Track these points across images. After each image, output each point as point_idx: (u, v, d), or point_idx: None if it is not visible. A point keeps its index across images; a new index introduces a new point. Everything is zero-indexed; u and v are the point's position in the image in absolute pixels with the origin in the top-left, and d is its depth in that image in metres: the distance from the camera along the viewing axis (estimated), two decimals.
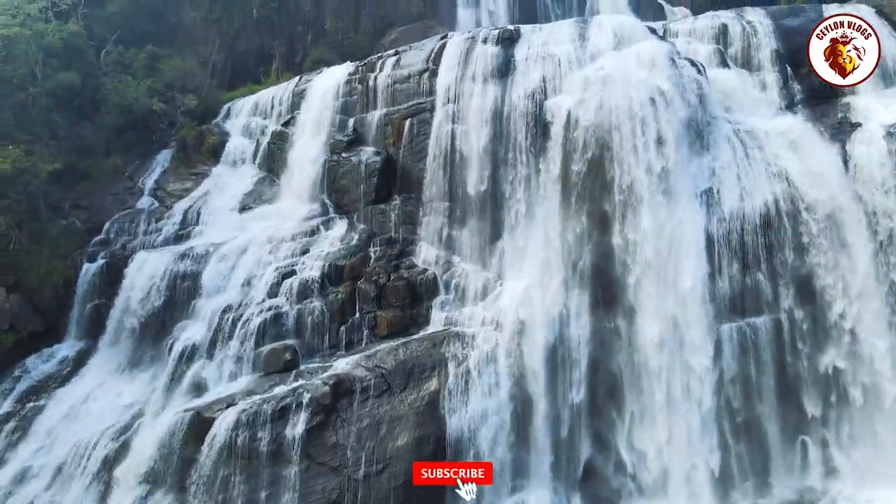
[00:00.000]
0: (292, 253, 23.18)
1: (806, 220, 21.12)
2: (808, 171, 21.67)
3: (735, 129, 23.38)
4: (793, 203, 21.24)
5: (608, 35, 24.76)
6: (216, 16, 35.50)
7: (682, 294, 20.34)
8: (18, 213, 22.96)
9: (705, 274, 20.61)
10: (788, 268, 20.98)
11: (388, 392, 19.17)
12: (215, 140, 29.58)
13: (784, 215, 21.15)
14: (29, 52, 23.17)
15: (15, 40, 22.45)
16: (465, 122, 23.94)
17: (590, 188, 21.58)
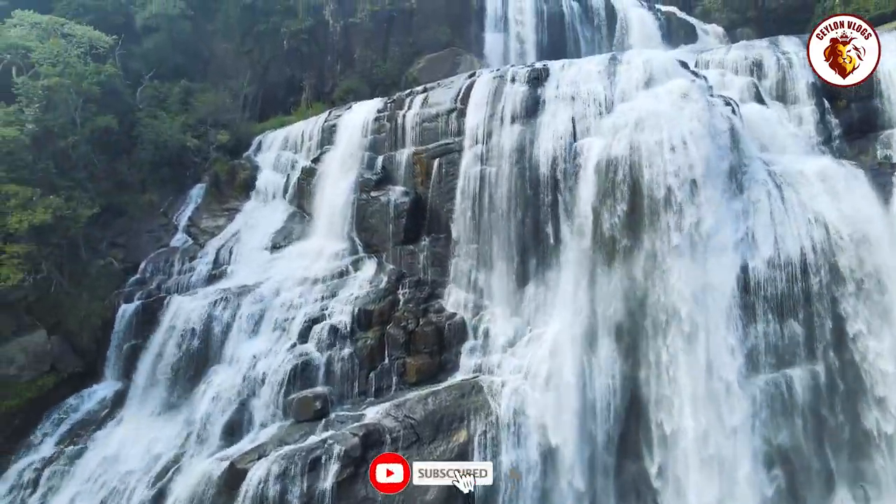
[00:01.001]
0: (322, 296, 23.41)
1: (844, 267, 20.56)
2: (846, 217, 21.08)
3: (770, 170, 22.85)
4: (831, 250, 20.69)
5: (638, 72, 24.46)
6: (248, 48, 36.07)
7: (715, 345, 19.97)
8: (59, 257, 23.58)
9: (739, 323, 20.21)
10: (826, 317, 20.44)
11: (418, 443, 19.23)
12: (247, 175, 30.07)
13: (821, 263, 20.61)
14: (69, 99, 23.82)
15: (56, 90, 23.13)
16: (493, 164, 23.91)
17: (620, 234, 21.34)
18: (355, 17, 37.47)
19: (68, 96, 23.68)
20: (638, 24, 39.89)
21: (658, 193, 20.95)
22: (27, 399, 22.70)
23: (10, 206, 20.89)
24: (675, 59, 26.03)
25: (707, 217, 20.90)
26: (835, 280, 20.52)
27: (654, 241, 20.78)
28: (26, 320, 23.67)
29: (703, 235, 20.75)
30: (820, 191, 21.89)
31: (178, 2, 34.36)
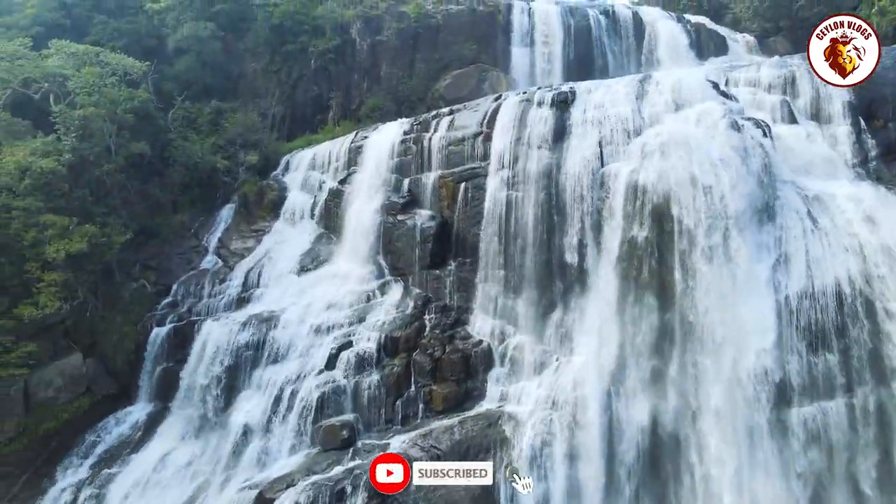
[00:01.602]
0: (349, 321, 23.59)
1: (881, 297, 20.01)
2: (883, 245, 20.54)
3: (803, 195, 22.37)
4: (867, 280, 20.16)
5: (667, 94, 24.24)
6: (276, 67, 36.50)
7: (747, 377, 19.58)
8: (94, 282, 24.16)
9: (771, 356, 19.78)
10: (863, 349, 19.91)
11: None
12: (275, 196, 30.44)
13: (857, 293, 20.09)
14: (104, 128, 24.41)
15: (91, 119, 23.72)
16: (520, 189, 23.83)
17: (648, 262, 21.09)
18: (382, 34, 37.69)
19: (103, 125, 24.24)
20: (666, 37, 39.35)
21: (686, 221, 20.68)
22: (64, 421, 23.31)
23: (47, 235, 21.50)
24: (704, 80, 25.63)
25: (737, 246, 20.52)
26: (871, 311, 19.97)
27: (682, 270, 20.51)
28: (63, 343, 24.32)
29: (733, 264, 20.38)
30: (856, 217, 21.36)
31: (208, 24, 34.92)
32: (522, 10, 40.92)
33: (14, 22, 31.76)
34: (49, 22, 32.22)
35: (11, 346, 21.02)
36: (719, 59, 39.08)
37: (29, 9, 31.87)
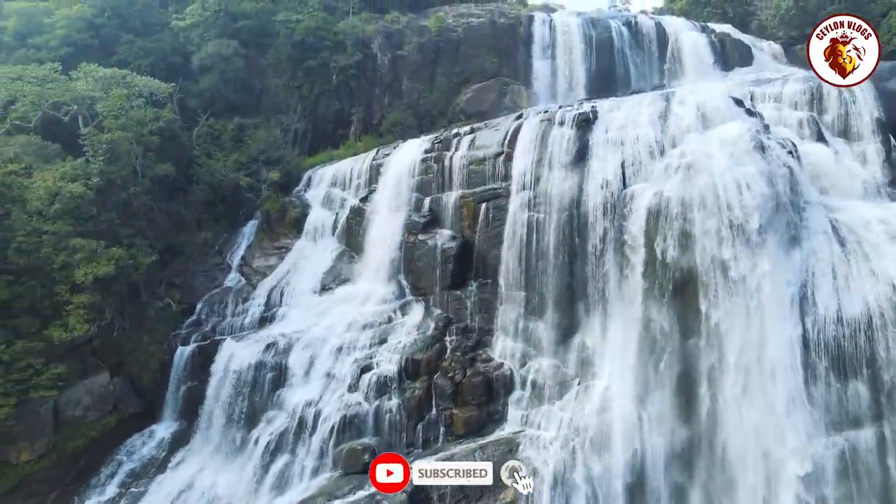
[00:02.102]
0: (370, 343, 23.70)
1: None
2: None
3: (831, 217, 21.94)
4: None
5: (690, 113, 23.90)
6: (298, 82, 36.80)
7: (773, 406, 19.27)
8: (121, 302, 24.59)
9: (798, 384, 19.43)
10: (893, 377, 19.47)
11: (465, 501, 19.26)
12: (297, 213, 30.69)
13: (888, 320, 19.63)
14: (131, 151, 24.84)
15: (118, 143, 24.16)
16: (541, 211, 23.75)
17: (672, 286, 20.84)
18: (402, 49, 37.81)
19: (130, 147, 24.66)
20: (690, 49, 38.82)
21: (710, 245, 20.41)
22: (92, 438, 23.77)
23: (76, 258, 21.94)
24: (728, 98, 25.21)
25: (763, 270, 20.18)
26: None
27: (706, 294, 20.24)
28: (91, 362, 24.81)
29: (759, 289, 20.06)
30: (885, 241, 20.90)
31: (231, 42, 35.33)
32: (544, 22, 40.73)
33: (44, 42, 32.48)
34: (78, 42, 32.88)
35: (42, 368, 21.49)
36: (744, 70, 38.51)
37: (58, 30, 32.53)
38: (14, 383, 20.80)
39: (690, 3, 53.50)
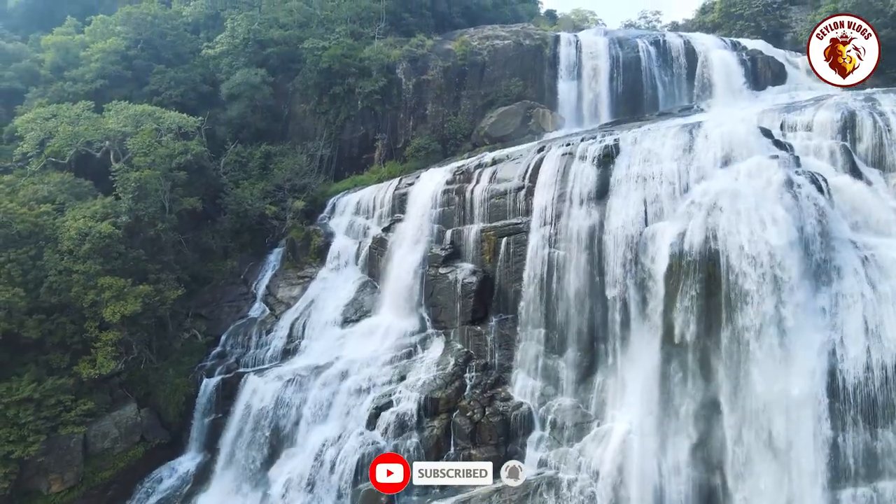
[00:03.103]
0: (390, 379, 23.80)
1: None
2: None
3: (862, 256, 21.13)
4: None
5: (715, 148, 23.34)
6: (324, 108, 37.23)
7: (799, 453, 18.71)
8: (148, 335, 25.18)
9: (825, 432, 18.80)
10: None
11: None
12: (321, 241, 31.05)
13: None
14: (159, 188, 25.49)
15: (147, 180, 24.79)
16: (561, 247, 23.52)
17: (694, 329, 20.40)
18: (427, 74, 37.94)
19: (158, 185, 25.27)
20: (720, 68, 37.97)
21: (735, 287, 19.93)
22: (119, 469, 24.37)
23: (105, 297, 22.55)
24: (756, 128, 24.63)
25: (790, 313, 19.64)
26: None
27: (730, 338, 19.77)
28: (119, 393, 25.46)
29: (785, 333, 19.52)
30: None
31: (259, 70, 35.94)
32: (570, 43, 40.42)
33: (80, 75, 33.53)
34: (112, 74, 33.87)
35: (71, 404, 22.14)
36: (777, 90, 37.59)
37: (93, 63, 33.55)
38: (45, 420, 21.47)
39: (723, 16, 52.48)
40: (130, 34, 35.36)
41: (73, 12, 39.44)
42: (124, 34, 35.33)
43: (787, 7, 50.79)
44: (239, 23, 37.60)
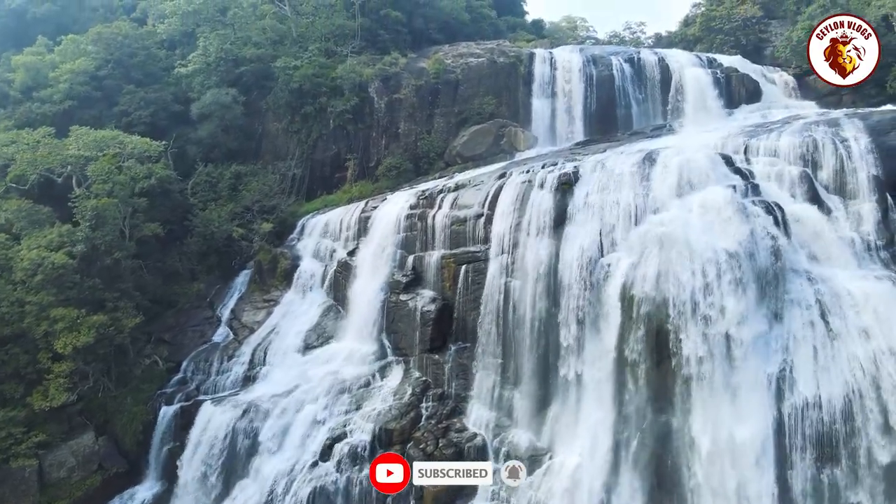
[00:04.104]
0: (346, 409, 23.70)
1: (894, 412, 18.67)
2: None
3: (815, 289, 21.08)
4: (879, 392, 18.82)
5: (673, 176, 23.26)
6: (296, 127, 37.11)
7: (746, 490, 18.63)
8: (107, 362, 25.07)
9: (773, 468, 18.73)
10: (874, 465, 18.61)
11: None
12: (287, 264, 30.94)
13: (869, 405, 18.78)
14: (118, 216, 25.37)
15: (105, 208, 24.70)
16: (518, 277, 23.47)
17: (645, 364, 20.33)
18: (400, 93, 37.85)
19: (117, 213, 25.17)
20: (693, 87, 37.88)
21: (685, 321, 19.89)
22: (76, 498, 24.20)
23: (57, 328, 22.45)
24: (716, 156, 24.56)
25: (740, 348, 19.63)
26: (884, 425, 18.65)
27: (680, 372, 19.75)
28: (77, 421, 25.32)
29: (734, 369, 19.53)
30: (871, 321, 19.96)
31: (230, 90, 35.86)
32: (545, 60, 40.34)
33: (48, 96, 33.46)
34: (80, 95, 33.80)
35: (22, 436, 22.01)
36: (750, 108, 37.52)
37: (62, 84, 33.48)
38: None
39: (703, 30, 52.47)
40: (100, 54, 35.28)
41: (46, 31, 39.42)
42: (94, 54, 35.24)
43: (766, 22, 50.80)
44: (211, 41, 37.53)
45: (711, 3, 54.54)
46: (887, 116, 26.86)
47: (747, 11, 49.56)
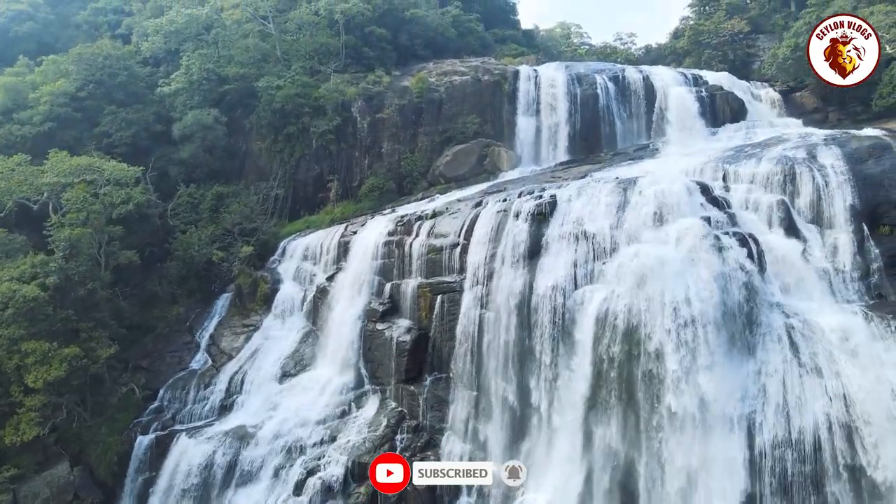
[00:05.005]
0: (321, 440, 23.64)
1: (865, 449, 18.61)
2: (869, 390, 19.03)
3: (788, 323, 21.01)
4: (849, 429, 18.76)
5: (649, 207, 23.12)
6: (279, 147, 37.01)
7: None
8: (83, 391, 24.94)
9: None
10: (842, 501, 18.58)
11: None
12: (267, 289, 30.86)
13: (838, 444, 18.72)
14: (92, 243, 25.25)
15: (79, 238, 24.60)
16: (492, 309, 23.39)
17: (617, 401, 20.28)
18: (383, 112, 37.77)
19: (91, 242, 25.06)
20: (677, 106, 37.88)
21: (657, 356, 19.83)
22: None
23: (28, 362, 22.34)
24: (693, 185, 24.43)
25: (711, 384, 19.54)
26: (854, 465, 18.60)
27: (650, 407, 19.70)
28: (53, 451, 25.21)
29: (705, 404, 19.41)
30: (842, 356, 19.91)
31: (212, 111, 35.74)
32: (529, 78, 40.32)
33: (28, 118, 33.32)
34: (60, 116, 33.64)
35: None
36: (734, 127, 37.41)
37: (42, 105, 33.35)
38: None
39: (692, 43, 52.46)
40: (81, 74, 35.12)
41: (29, 49, 39.30)
42: (75, 74, 35.10)
43: (754, 37, 50.84)
44: (194, 60, 37.42)
45: (700, 18, 54.63)
46: (864, 144, 26.83)
47: (735, 27, 49.59)
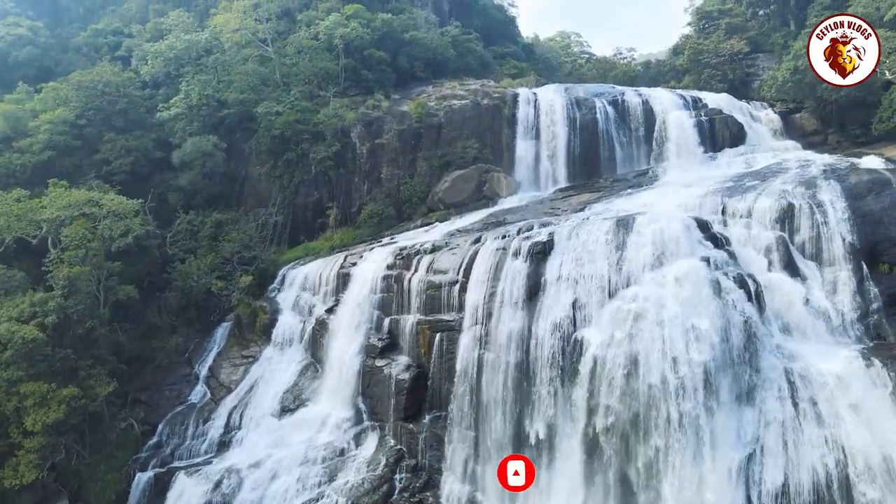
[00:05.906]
0: (319, 481, 23.56)
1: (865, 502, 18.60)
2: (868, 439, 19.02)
3: (787, 368, 20.99)
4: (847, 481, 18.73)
5: (647, 247, 23.08)
6: (278, 173, 37.02)
7: None
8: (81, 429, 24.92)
9: None
10: None
11: None
12: (267, 319, 30.85)
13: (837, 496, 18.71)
14: (91, 281, 25.26)
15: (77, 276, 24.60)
16: (491, 350, 23.33)
17: (615, 442, 20.27)
18: (382, 137, 37.77)
19: (90, 278, 25.06)
20: (676, 131, 37.92)
21: (655, 402, 19.80)
22: None
23: (27, 404, 22.33)
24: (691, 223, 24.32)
25: (709, 433, 19.52)
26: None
27: (648, 454, 19.66)
28: (52, 488, 25.19)
29: (703, 454, 19.39)
30: (841, 404, 19.87)
31: (211, 137, 35.74)
32: (528, 101, 40.37)
33: (28, 146, 33.32)
34: (60, 145, 33.66)
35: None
36: (733, 151, 37.52)
37: (41, 134, 33.36)
38: None
39: (692, 62, 52.44)
40: (81, 102, 35.15)
41: (29, 74, 39.34)
42: (74, 102, 35.12)
43: (753, 56, 50.84)
44: (193, 86, 37.44)
45: (699, 37, 54.58)
46: (864, 179, 26.84)
47: (734, 46, 49.61)
